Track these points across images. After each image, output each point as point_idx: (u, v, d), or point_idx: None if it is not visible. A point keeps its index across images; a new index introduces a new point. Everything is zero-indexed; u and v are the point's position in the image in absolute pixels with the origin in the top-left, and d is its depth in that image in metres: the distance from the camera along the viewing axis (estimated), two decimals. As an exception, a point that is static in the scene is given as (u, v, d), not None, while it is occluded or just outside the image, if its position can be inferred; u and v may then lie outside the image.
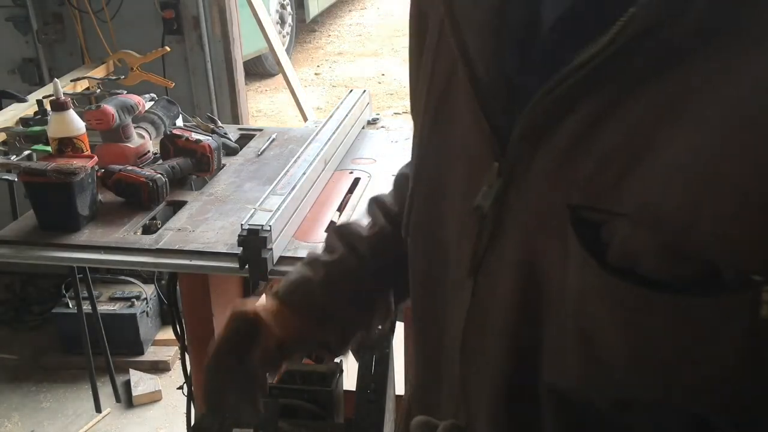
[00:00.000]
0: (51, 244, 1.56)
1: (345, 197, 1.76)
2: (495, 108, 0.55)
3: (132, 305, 2.72)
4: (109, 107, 1.76)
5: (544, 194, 0.51)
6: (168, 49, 2.45)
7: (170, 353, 2.76)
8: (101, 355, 2.45)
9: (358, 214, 1.66)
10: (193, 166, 1.80)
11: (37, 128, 1.92)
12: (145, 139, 1.89)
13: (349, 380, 1.72)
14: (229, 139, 2.05)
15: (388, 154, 1.99)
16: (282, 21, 5.85)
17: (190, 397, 1.89)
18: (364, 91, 2.26)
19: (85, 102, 2.21)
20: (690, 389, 0.47)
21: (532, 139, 0.51)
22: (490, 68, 0.55)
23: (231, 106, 2.83)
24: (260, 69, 5.77)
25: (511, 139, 0.52)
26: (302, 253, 1.49)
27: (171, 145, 1.81)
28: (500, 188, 0.54)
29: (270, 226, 1.42)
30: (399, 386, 1.07)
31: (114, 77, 2.42)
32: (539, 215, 0.52)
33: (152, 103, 2.04)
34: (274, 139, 2.08)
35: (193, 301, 1.76)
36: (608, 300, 0.47)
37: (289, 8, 5.98)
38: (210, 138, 1.83)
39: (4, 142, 1.95)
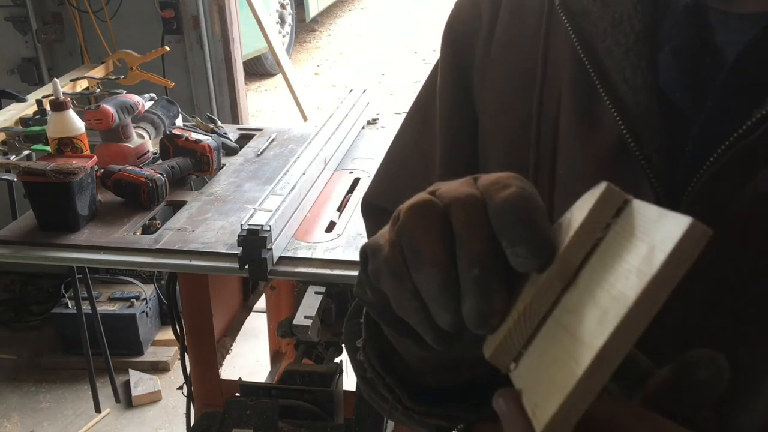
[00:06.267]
0: (51, 244, 1.56)
1: (345, 197, 1.75)
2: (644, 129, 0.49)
3: (131, 305, 2.72)
4: (109, 107, 1.76)
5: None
6: (167, 48, 2.45)
7: (170, 353, 2.76)
8: (101, 355, 2.44)
9: (358, 214, 1.66)
10: (193, 166, 1.80)
11: (36, 128, 1.92)
12: (144, 139, 1.88)
13: (349, 380, 1.72)
14: (229, 139, 2.04)
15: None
16: (282, 21, 5.85)
17: (189, 397, 1.89)
18: (364, 90, 2.26)
19: (84, 102, 2.21)
20: None
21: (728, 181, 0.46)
22: (639, 88, 0.49)
23: (231, 106, 2.83)
24: (260, 69, 5.77)
25: (694, 184, 0.47)
26: (302, 253, 1.49)
27: (171, 145, 1.80)
28: None
29: (270, 226, 1.41)
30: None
31: (114, 77, 2.42)
32: None
33: (152, 103, 2.04)
34: (274, 139, 2.08)
35: (193, 301, 1.76)
36: None
37: (289, 8, 5.98)
38: (210, 138, 1.83)
39: (3, 142, 1.94)
